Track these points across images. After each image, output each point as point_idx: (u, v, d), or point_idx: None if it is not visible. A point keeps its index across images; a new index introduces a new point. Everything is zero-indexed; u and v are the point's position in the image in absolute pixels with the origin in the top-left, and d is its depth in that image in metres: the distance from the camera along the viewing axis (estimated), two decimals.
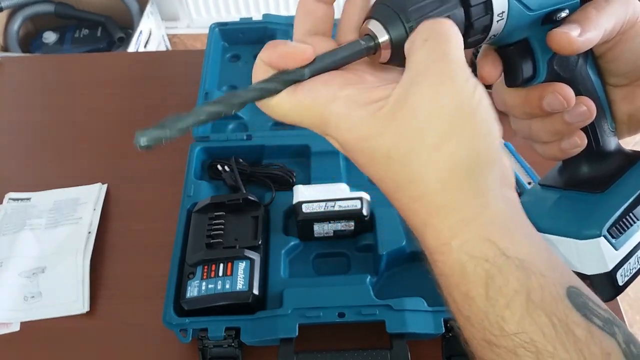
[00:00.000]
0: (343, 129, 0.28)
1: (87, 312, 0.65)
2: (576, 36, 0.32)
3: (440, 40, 0.27)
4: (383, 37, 0.29)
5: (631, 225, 0.34)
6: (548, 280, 0.26)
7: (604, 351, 0.25)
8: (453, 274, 0.27)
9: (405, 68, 0.28)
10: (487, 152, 0.27)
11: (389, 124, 0.27)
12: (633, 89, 0.37)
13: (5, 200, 0.75)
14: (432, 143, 0.26)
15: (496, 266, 0.26)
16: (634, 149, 0.39)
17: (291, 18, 0.88)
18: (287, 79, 0.29)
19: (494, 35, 0.32)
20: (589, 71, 0.36)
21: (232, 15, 1.97)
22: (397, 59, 0.29)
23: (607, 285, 0.34)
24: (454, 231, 0.27)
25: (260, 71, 0.30)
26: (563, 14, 0.33)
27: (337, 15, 0.32)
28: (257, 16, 0.94)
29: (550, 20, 0.33)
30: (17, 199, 0.76)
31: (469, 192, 0.27)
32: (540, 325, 0.25)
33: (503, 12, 0.30)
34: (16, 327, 0.64)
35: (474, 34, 0.30)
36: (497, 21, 0.30)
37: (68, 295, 0.66)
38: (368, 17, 0.30)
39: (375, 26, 0.29)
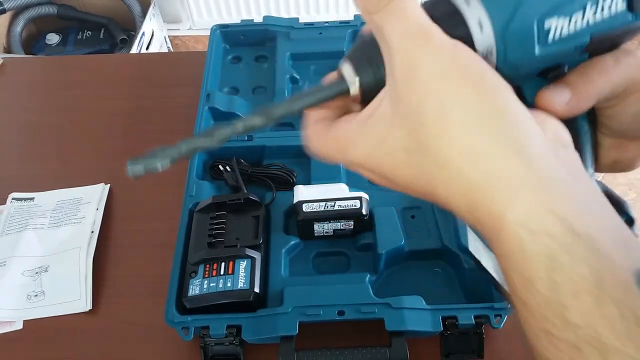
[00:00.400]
0: (359, 150, 0.28)
1: (90, 311, 0.65)
2: (563, 104, 0.30)
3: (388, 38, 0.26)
4: (354, 82, 0.29)
5: None
6: (618, 264, 0.22)
7: None
8: (512, 254, 0.24)
9: (387, 76, 0.27)
10: (505, 107, 0.24)
11: (392, 122, 0.26)
12: (625, 141, 0.34)
13: (8, 200, 0.76)
14: (436, 118, 0.24)
15: (562, 244, 0.22)
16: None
17: (291, 20, 0.89)
18: (273, 114, 0.30)
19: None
20: (580, 120, 0.33)
21: (233, 17, 1.98)
22: (369, 100, 0.29)
23: None
24: (506, 201, 0.23)
25: None
26: (562, 70, 0.30)
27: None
28: (257, 18, 0.95)
29: (545, 75, 0.31)
30: (21, 199, 0.76)
31: (505, 149, 0.23)
32: (610, 318, 0.21)
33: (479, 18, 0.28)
34: (19, 326, 0.65)
35: None
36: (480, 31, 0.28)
37: (71, 294, 0.66)
38: (345, 57, 0.30)
39: (347, 69, 0.29)
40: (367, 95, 0.29)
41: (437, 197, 0.26)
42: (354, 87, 0.29)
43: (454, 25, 0.27)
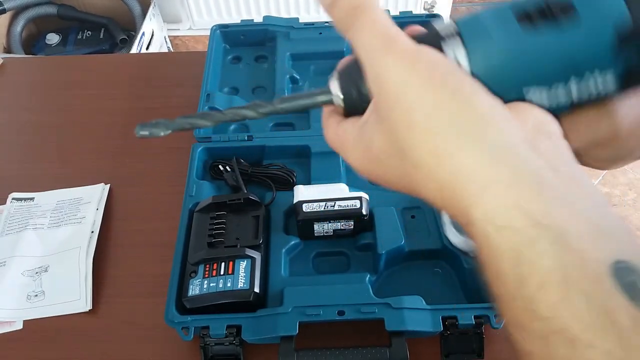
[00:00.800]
0: (354, 154, 0.31)
1: (90, 311, 0.65)
2: None
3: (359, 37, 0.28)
4: (337, 94, 0.31)
5: None
6: (591, 255, 0.22)
7: None
8: (482, 248, 0.24)
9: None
10: (470, 104, 0.25)
11: (374, 129, 0.28)
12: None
13: (8, 200, 0.76)
14: (404, 123, 0.26)
15: (527, 238, 0.23)
16: None
17: (291, 20, 0.89)
18: (262, 110, 0.32)
19: None
20: None
21: (233, 17, 1.98)
22: (353, 113, 0.31)
23: None
24: (472, 198, 0.24)
25: None
26: None
27: None
28: (257, 18, 0.95)
29: None
30: (21, 199, 0.76)
31: (470, 150, 0.24)
32: (577, 310, 0.21)
33: (456, 56, 0.29)
34: (19, 326, 0.65)
35: None
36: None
37: (71, 294, 0.66)
38: (335, 71, 0.32)
39: (334, 82, 0.31)
40: (350, 109, 0.31)
41: (421, 196, 0.27)
42: (338, 100, 0.31)
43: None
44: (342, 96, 0.31)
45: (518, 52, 0.27)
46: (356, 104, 0.31)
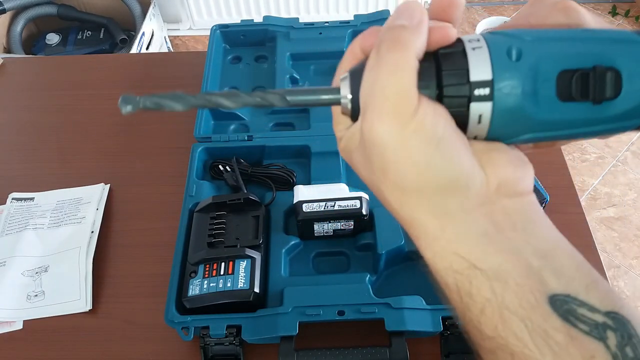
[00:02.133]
0: (341, 144, 0.32)
1: (90, 311, 0.65)
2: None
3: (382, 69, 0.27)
4: (346, 95, 0.30)
5: None
6: (525, 289, 0.26)
7: (585, 354, 0.25)
8: (435, 280, 0.30)
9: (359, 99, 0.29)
10: (433, 177, 0.27)
11: (358, 144, 0.30)
12: None
13: (8, 200, 0.76)
14: (379, 168, 0.28)
15: (464, 276, 0.28)
16: None
17: (291, 20, 0.89)
18: (271, 100, 0.30)
19: (475, 137, 0.29)
20: None
21: (233, 17, 1.98)
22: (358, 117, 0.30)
23: None
24: (425, 244, 0.29)
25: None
26: None
27: None
28: (257, 18, 0.95)
29: None
30: (21, 199, 0.76)
31: (427, 213, 0.28)
32: (515, 329, 0.26)
33: (481, 115, 0.28)
34: (19, 326, 0.65)
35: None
36: (478, 123, 0.28)
37: (71, 294, 0.66)
38: (348, 71, 0.30)
39: (344, 83, 0.30)
40: (355, 112, 0.30)
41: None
42: (345, 102, 0.30)
43: (456, 105, 0.28)
44: (350, 96, 0.30)
45: (545, 122, 0.28)
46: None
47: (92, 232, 0.72)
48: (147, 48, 1.75)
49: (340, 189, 0.65)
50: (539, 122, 0.28)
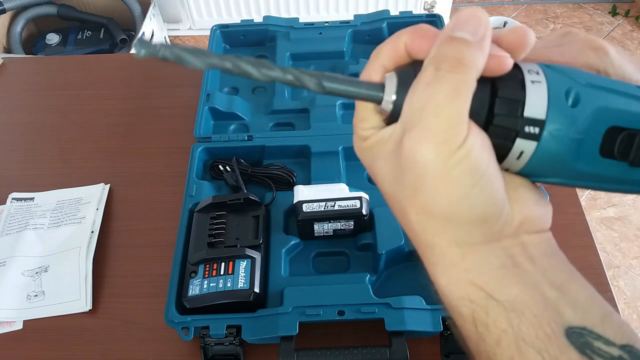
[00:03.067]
0: (360, 153, 0.32)
1: (90, 311, 0.65)
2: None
3: (443, 90, 0.26)
4: (390, 99, 0.28)
5: None
6: (542, 320, 0.26)
7: None
8: (446, 305, 0.29)
9: (403, 108, 0.27)
10: (466, 208, 0.27)
11: (389, 155, 0.29)
12: None
13: (8, 201, 0.76)
14: (410, 187, 0.27)
15: (481, 307, 0.27)
16: None
17: (291, 20, 0.89)
18: (306, 82, 0.28)
19: (507, 170, 0.29)
20: None
21: (233, 17, 1.98)
22: (394, 120, 0.28)
23: None
24: (440, 270, 0.29)
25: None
26: None
27: None
28: (257, 18, 0.94)
29: None
30: (21, 199, 0.76)
31: (449, 240, 0.28)
32: None
33: (522, 152, 0.27)
34: (19, 326, 0.65)
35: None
36: (517, 158, 0.28)
37: (71, 294, 0.66)
38: (394, 69, 0.29)
39: (391, 83, 0.28)
40: (394, 116, 0.28)
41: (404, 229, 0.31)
42: (387, 103, 0.28)
43: (500, 136, 0.27)
44: (395, 98, 0.28)
45: (580, 172, 0.28)
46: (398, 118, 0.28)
47: (92, 232, 0.72)
48: None
49: (340, 189, 0.65)
50: (574, 171, 0.28)
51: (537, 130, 0.26)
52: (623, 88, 0.28)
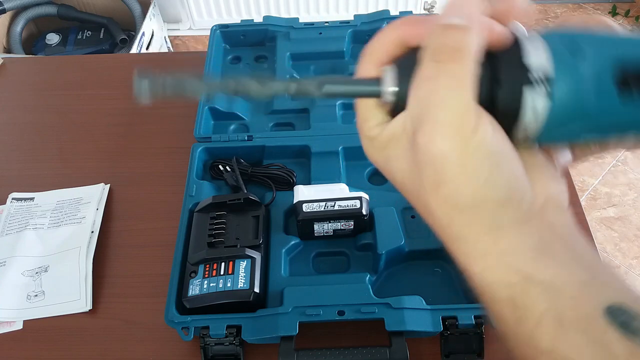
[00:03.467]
0: (375, 157, 0.31)
1: (90, 311, 0.65)
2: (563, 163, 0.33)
3: (446, 76, 0.26)
4: (390, 91, 0.28)
5: None
6: (580, 301, 0.26)
7: None
8: (481, 294, 0.29)
9: (408, 101, 0.27)
10: (491, 192, 0.27)
11: (403, 154, 0.28)
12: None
13: (8, 200, 0.76)
14: (431, 180, 0.27)
15: (519, 289, 0.27)
16: None
17: (291, 20, 0.89)
18: (309, 89, 0.28)
19: (525, 140, 0.28)
20: None
21: (233, 17, 1.98)
22: (398, 112, 0.28)
23: None
24: (473, 259, 0.28)
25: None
26: None
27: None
28: (257, 18, 0.94)
29: None
30: (21, 199, 0.76)
31: (479, 228, 0.27)
32: (575, 344, 0.25)
33: (535, 107, 0.27)
34: (19, 326, 0.65)
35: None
36: (533, 118, 0.27)
37: (71, 294, 0.66)
38: (391, 62, 0.29)
39: (389, 75, 0.28)
40: (398, 108, 0.28)
41: (428, 223, 0.30)
42: (388, 96, 0.28)
43: (508, 108, 0.27)
44: (396, 89, 0.28)
45: (604, 120, 0.27)
46: (403, 106, 0.28)
47: (92, 232, 0.72)
48: (147, 48, 1.75)
49: (340, 189, 0.65)
50: (594, 119, 0.27)
51: (542, 76, 0.26)
52: (620, 33, 0.28)
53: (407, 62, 0.28)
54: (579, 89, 0.26)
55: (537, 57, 0.26)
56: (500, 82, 0.27)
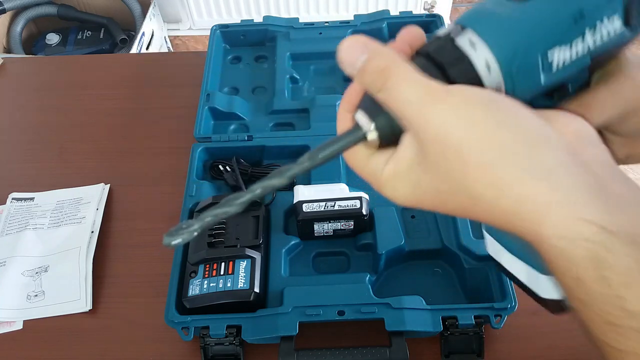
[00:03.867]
0: (397, 191, 0.31)
1: (90, 311, 0.65)
2: None
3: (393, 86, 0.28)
4: (370, 128, 0.30)
5: None
6: None
7: None
8: (558, 260, 0.26)
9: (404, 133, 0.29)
10: (516, 133, 0.26)
11: (422, 169, 0.28)
12: (634, 139, 0.37)
13: (8, 200, 0.76)
14: (458, 164, 0.27)
15: (600, 245, 0.24)
16: None
17: (291, 20, 0.89)
18: (312, 163, 0.30)
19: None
20: None
21: (233, 17, 1.98)
22: (386, 145, 0.30)
23: (558, 307, 0.36)
24: (538, 222, 0.26)
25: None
26: (566, 89, 0.33)
27: None
28: (257, 18, 0.95)
29: (551, 95, 0.33)
30: (21, 199, 0.76)
31: (530, 181, 0.25)
32: None
33: (486, 60, 0.29)
34: (19, 326, 0.65)
35: None
36: (488, 72, 0.29)
37: (71, 294, 0.66)
38: (358, 107, 0.31)
39: (361, 116, 0.30)
40: (385, 138, 0.30)
41: (481, 221, 0.29)
42: (372, 133, 0.30)
43: (462, 69, 0.29)
44: (376, 132, 0.30)
45: (527, 19, 0.29)
46: (388, 133, 0.30)
47: (92, 232, 0.72)
48: (147, 48, 1.75)
49: (340, 189, 0.65)
50: (524, 27, 0.29)
51: (470, 36, 0.29)
52: None
53: (365, 98, 0.31)
54: (488, 12, 0.29)
55: (445, 27, 0.30)
56: (443, 64, 0.29)
